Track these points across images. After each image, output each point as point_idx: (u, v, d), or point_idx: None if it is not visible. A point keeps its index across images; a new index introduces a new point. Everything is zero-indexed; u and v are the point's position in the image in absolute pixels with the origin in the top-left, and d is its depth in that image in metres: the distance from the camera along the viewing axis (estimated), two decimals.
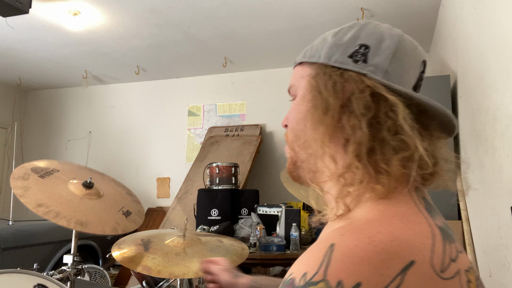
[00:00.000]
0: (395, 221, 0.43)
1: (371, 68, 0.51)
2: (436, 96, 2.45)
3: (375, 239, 0.40)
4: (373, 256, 0.38)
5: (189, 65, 4.82)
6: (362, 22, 0.56)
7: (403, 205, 0.46)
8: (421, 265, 0.39)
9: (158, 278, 1.53)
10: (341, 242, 0.40)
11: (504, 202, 1.43)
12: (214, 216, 3.09)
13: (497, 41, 1.49)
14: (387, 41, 0.52)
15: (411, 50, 0.54)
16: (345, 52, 0.53)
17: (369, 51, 0.52)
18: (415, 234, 0.41)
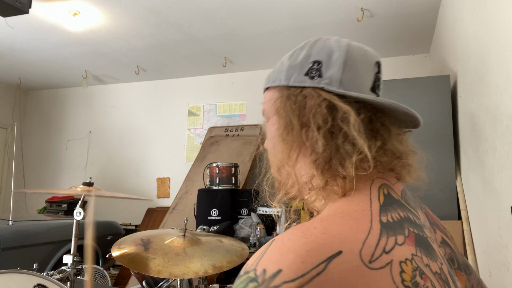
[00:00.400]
0: (336, 218, 0.46)
1: (327, 80, 0.55)
2: (436, 96, 2.45)
3: (308, 233, 0.43)
4: (299, 247, 0.41)
5: (189, 65, 4.82)
6: (312, 40, 0.61)
7: (355, 203, 0.50)
8: (349, 255, 0.41)
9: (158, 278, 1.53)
10: (280, 237, 0.44)
11: (504, 202, 1.44)
12: (214, 216, 3.09)
13: (497, 41, 1.49)
14: (336, 53, 0.57)
15: (361, 56, 0.58)
16: (301, 71, 0.57)
17: (322, 66, 0.56)
18: (350, 229, 0.44)
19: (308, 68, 0.57)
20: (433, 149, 2.39)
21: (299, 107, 0.56)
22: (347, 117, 0.52)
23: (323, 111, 0.53)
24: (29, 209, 5.70)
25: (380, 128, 0.55)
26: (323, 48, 0.58)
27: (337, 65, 0.56)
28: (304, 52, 0.59)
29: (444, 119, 2.41)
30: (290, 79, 0.58)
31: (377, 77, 0.59)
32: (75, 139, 5.81)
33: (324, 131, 0.53)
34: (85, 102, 5.86)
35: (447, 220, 2.27)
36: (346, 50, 0.57)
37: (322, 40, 0.60)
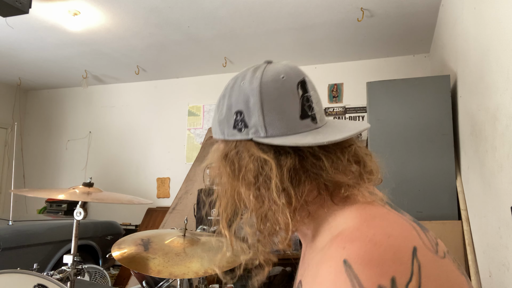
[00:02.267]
0: (378, 221, 0.46)
1: (253, 129, 0.55)
2: (436, 96, 2.45)
3: (376, 240, 0.42)
4: (385, 253, 0.41)
5: (189, 65, 4.82)
6: (230, 84, 0.59)
7: (372, 208, 0.50)
8: (421, 249, 0.43)
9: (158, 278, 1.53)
10: (350, 254, 0.42)
11: (504, 202, 1.43)
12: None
13: (497, 41, 1.49)
14: (252, 99, 0.55)
15: (276, 90, 0.55)
16: (229, 125, 0.57)
17: (244, 115, 0.56)
18: (401, 228, 0.45)
19: (234, 120, 0.57)
20: (433, 149, 2.39)
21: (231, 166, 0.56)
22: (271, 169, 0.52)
23: (251, 168, 0.53)
24: (29, 209, 5.70)
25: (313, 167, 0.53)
26: (239, 95, 0.57)
27: (256, 112, 0.54)
28: (225, 102, 0.58)
29: (444, 119, 2.41)
30: (224, 133, 0.59)
31: (305, 99, 0.56)
32: (75, 139, 5.81)
33: (254, 189, 0.53)
34: (85, 102, 5.86)
35: (447, 220, 2.27)
36: (259, 91, 0.55)
37: (238, 84, 0.58)
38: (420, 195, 2.36)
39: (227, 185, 0.57)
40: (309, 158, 0.53)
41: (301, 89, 0.57)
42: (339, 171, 0.53)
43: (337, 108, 4.51)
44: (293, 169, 0.52)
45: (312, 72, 4.71)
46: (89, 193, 1.45)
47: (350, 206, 0.51)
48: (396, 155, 2.43)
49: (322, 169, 0.53)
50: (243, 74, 0.59)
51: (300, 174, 0.53)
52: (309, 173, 0.53)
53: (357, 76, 4.49)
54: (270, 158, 0.52)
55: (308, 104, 0.56)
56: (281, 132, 0.53)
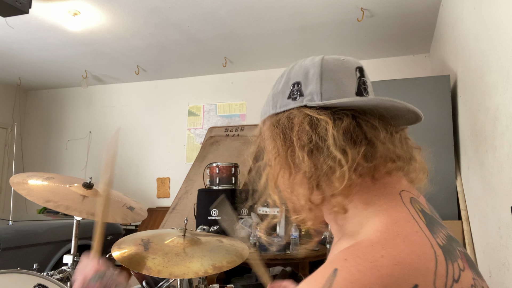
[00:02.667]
0: (398, 243, 0.43)
1: (308, 97, 0.57)
2: (436, 96, 2.45)
3: (378, 263, 0.40)
4: (375, 282, 0.38)
5: (189, 65, 4.82)
6: (290, 66, 0.63)
7: (403, 223, 0.47)
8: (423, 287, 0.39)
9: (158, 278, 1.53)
10: (344, 267, 0.40)
11: (504, 202, 1.43)
12: (214, 216, 3.09)
13: (497, 41, 1.49)
14: (312, 70, 0.58)
15: (337, 66, 0.58)
16: (284, 96, 0.59)
17: (301, 86, 0.58)
18: (418, 257, 0.42)
19: (290, 91, 0.59)
20: (433, 149, 2.39)
21: (283, 130, 0.57)
22: (326, 129, 0.52)
23: (305, 128, 0.54)
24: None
25: (367, 130, 0.53)
26: (299, 69, 0.60)
27: (314, 80, 0.57)
28: (284, 78, 0.61)
29: (444, 119, 2.41)
30: (276, 106, 0.60)
31: (361, 81, 0.59)
32: (75, 139, 5.81)
33: (308, 149, 0.53)
34: (85, 102, 5.86)
35: (447, 220, 2.27)
36: (320, 64, 0.58)
37: (299, 63, 0.61)
38: None
39: (278, 151, 0.58)
40: (366, 124, 0.54)
41: (358, 72, 0.60)
42: (391, 147, 0.54)
43: None
44: (350, 130, 0.53)
45: None
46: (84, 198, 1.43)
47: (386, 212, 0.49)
48: None
49: (377, 137, 0.53)
50: (303, 59, 0.62)
51: (356, 135, 0.53)
52: (365, 137, 0.53)
53: None
54: (325, 116, 0.53)
55: (364, 86, 0.59)
56: (336, 98, 0.55)
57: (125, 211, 1.47)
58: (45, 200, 1.32)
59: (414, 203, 0.52)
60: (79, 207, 1.35)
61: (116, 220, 1.38)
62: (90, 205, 1.40)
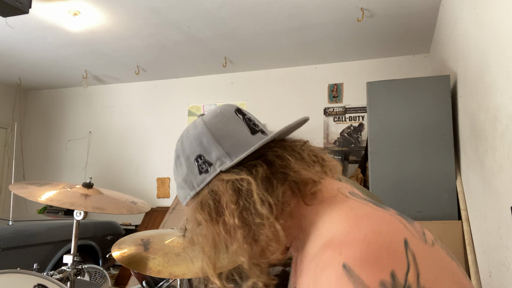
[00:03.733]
0: (365, 221, 0.48)
1: (218, 163, 0.57)
2: (436, 96, 2.45)
3: (368, 240, 0.44)
4: (379, 250, 0.42)
5: (189, 65, 4.82)
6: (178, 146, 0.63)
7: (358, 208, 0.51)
8: (411, 240, 0.44)
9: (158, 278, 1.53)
10: (348, 258, 0.43)
11: (504, 202, 1.43)
12: None
13: (497, 41, 1.49)
14: (203, 138, 0.59)
15: (220, 122, 0.60)
16: (195, 174, 0.59)
17: (204, 157, 0.59)
18: (388, 224, 0.47)
19: (197, 166, 0.59)
20: (433, 149, 2.39)
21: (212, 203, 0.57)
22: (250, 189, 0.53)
23: (230, 194, 0.55)
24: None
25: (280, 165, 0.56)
26: (190, 143, 0.60)
27: (212, 146, 0.58)
28: (182, 161, 0.61)
29: (444, 119, 2.41)
30: (193, 186, 0.60)
31: (248, 120, 0.61)
32: (75, 139, 5.81)
33: (238, 214, 0.54)
34: (85, 102, 5.86)
35: (447, 220, 2.27)
36: (207, 128, 0.59)
37: (184, 137, 0.62)
38: (420, 195, 2.36)
39: (207, 231, 0.58)
40: (276, 161, 0.56)
41: (240, 114, 0.62)
42: (303, 168, 0.57)
43: (337, 108, 4.51)
44: (266, 177, 0.55)
45: (312, 72, 4.71)
46: (87, 196, 1.44)
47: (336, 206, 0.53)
48: (396, 155, 2.43)
49: (288, 167, 0.56)
50: (185, 131, 0.63)
51: (271, 179, 0.55)
52: (278, 176, 0.56)
53: (357, 76, 4.49)
54: (245, 175, 0.54)
55: (252, 122, 0.62)
56: (243, 150, 0.57)
57: (129, 205, 1.48)
58: (49, 199, 1.33)
59: (354, 194, 0.56)
60: (84, 203, 1.36)
61: (122, 212, 1.39)
62: (94, 201, 1.41)
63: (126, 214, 1.43)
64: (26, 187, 1.44)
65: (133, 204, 1.52)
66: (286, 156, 0.57)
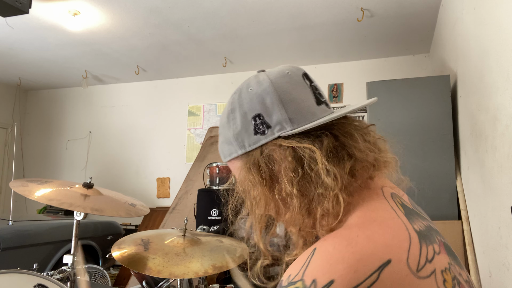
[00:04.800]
0: (373, 226, 0.45)
1: (278, 127, 0.53)
2: (436, 96, 2.45)
3: (353, 241, 0.42)
4: (349, 256, 0.41)
5: (189, 65, 4.82)
6: (235, 97, 0.58)
7: (381, 211, 0.49)
8: (398, 264, 0.41)
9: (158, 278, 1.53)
10: (322, 246, 0.43)
11: (504, 202, 1.43)
12: (214, 216, 3.09)
13: (497, 41, 1.49)
14: (268, 97, 0.54)
15: (288, 84, 0.55)
16: (249, 133, 0.55)
17: (263, 117, 0.54)
18: (392, 237, 0.43)
19: (253, 126, 0.55)
20: (433, 149, 2.39)
21: (263, 169, 0.54)
22: (314, 157, 0.50)
23: (290, 161, 0.52)
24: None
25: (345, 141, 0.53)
26: (251, 100, 0.55)
27: (276, 108, 0.54)
28: (237, 114, 0.57)
29: (444, 119, 2.41)
30: (244, 145, 0.56)
31: (314, 88, 0.57)
32: (75, 139, 5.81)
33: (296, 182, 0.51)
34: (85, 102, 5.86)
35: (447, 220, 2.27)
36: (273, 88, 0.54)
37: (244, 91, 0.57)
38: (420, 195, 2.36)
39: (259, 194, 0.55)
40: (342, 136, 0.53)
41: (307, 80, 0.57)
42: (369, 150, 0.54)
43: (337, 108, 4.51)
44: (332, 149, 0.52)
45: (312, 72, 4.71)
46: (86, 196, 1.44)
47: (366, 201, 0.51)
48: (396, 155, 2.43)
49: (355, 146, 0.53)
50: (245, 84, 0.58)
51: (339, 152, 0.52)
52: (346, 151, 0.52)
53: (357, 76, 4.49)
54: (308, 143, 0.51)
55: (318, 92, 0.58)
56: (306, 119, 0.53)
57: (128, 207, 1.48)
58: (48, 199, 1.33)
59: (395, 197, 0.53)
60: (82, 204, 1.36)
61: (121, 214, 1.39)
62: (93, 202, 1.41)
63: (124, 217, 1.42)
64: (26, 184, 1.44)
65: (132, 207, 1.51)
66: (355, 134, 0.54)
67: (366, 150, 0.54)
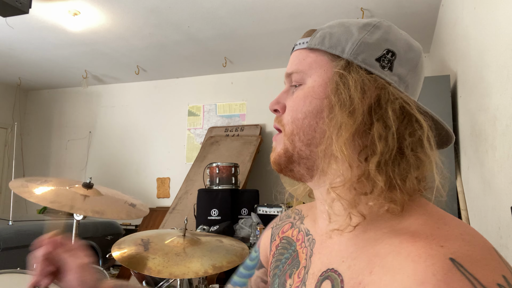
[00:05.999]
0: (450, 220, 0.45)
1: (396, 78, 0.49)
2: (436, 96, 2.45)
3: (468, 239, 0.41)
4: (484, 252, 0.40)
5: (189, 65, 4.82)
6: (385, 23, 0.52)
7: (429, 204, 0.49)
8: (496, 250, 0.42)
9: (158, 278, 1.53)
10: (455, 253, 0.39)
11: (504, 202, 1.43)
12: (214, 216, 3.09)
13: (497, 41, 1.49)
14: (412, 53, 0.51)
15: (424, 62, 0.53)
16: (373, 54, 0.49)
17: (395, 59, 0.49)
18: (470, 227, 0.44)
19: (381, 54, 0.49)
20: None
21: (368, 92, 0.48)
22: (423, 129, 0.47)
23: (397, 109, 0.47)
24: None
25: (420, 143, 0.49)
26: (400, 39, 0.51)
27: (409, 65, 0.50)
28: (379, 33, 0.50)
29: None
30: (358, 56, 0.49)
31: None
32: (75, 139, 5.81)
33: (394, 131, 0.46)
34: (85, 102, 5.86)
35: None
36: (420, 53, 0.52)
37: (395, 28, 0.52)
38: None
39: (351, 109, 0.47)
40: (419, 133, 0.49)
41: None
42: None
43: None
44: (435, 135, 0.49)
45: None
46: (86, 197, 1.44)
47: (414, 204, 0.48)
48: None
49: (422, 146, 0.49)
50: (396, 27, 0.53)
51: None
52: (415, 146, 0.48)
53: None
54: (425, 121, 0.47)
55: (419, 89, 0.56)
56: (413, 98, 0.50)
57: (128, 208, 1.48)
58: (49, 201, 1.33)
59: None
60: (83, 206, 1.36)
61: (121, 217, 1.39)
62: (93, 203, 1.41)
63: (125, 218, 1.42)
64: (26, 185, 1.44)
65: (132, 208, 1.51)
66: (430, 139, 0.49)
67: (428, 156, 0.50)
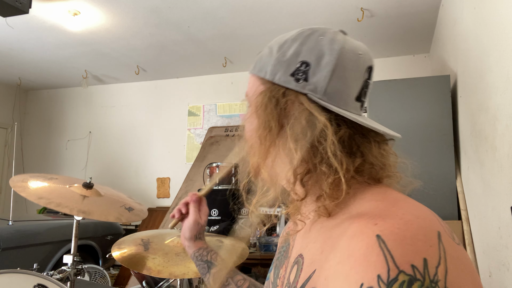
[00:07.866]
0: (402, 203, 0.46)
1: (311, 86, 0.51)
2: (436, 96, 2.45)
3: (406, 219, 0.42)
4: (417, 234, 0.40)
5: (189, 65, 4.82)
6: (306, 33, 0.55)
7: (394, 192, 0.51)
8: (444, 234, 0.42)
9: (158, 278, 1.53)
10: (384, 230, 0.41)
11: (504, 202, 1.43)
12: (214, 216, 3.09)
13: (497, 41, 1.49)
14: (327, 57, 0.52)
15: (352, 62, 0.54)
16: (288, 70, 0.53)
17: (309, 69, 0.52)
18: (424, 212, 0.45)
19: (295, 68, 0.53)
20: (433, 149, 2.39)
21: (279, 111, 0.53)
22: (325, 133, 0.49)
23: (302, 122, 0.50)
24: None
25: (360, 141, 0.52)
26: (314, 48, 0.53)
27: (325, 71, 0.52)
28: (295, 46, 0.54)
29: (444, 119, 2.41)
30: (275, 76, 0.54)
31: (366, 84, 0.56)
32: (75, 139, 5.81)
33: (301, 145, 0.50)
34: (85, 102, 5.86)
35: (447, 220, 2.27)
36: (338, 55, 0.52)
37: (315, 37, 0.55)
38: (420, 195, 2.36)
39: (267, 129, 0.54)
40: (360, 136, 0.52)
41: (368, 74, 0.56)
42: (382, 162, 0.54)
43: None
44: (345, 140, 0.51)
45: None
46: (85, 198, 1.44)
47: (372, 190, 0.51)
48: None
49: (369, 152, 0.52)
50: (322, 30, 0.56)
51: (351, 146, 0.51)
52: (359, 149, 0.52)
53: None
54: (325, 119, 0.50)
55: (366, 90, 0.56)
56: (336, 103, 0.52)
57: (121, 211, 1.47)
58: (38, 197, 1.33)
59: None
60: (71, 205, 1.35)
61: (108, 219, 1.38)
62: (91, 204, 1.40)
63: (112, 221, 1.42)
64: (26, 183, 1.43)
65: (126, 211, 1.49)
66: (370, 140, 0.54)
67: (378, 157, 0.53)
